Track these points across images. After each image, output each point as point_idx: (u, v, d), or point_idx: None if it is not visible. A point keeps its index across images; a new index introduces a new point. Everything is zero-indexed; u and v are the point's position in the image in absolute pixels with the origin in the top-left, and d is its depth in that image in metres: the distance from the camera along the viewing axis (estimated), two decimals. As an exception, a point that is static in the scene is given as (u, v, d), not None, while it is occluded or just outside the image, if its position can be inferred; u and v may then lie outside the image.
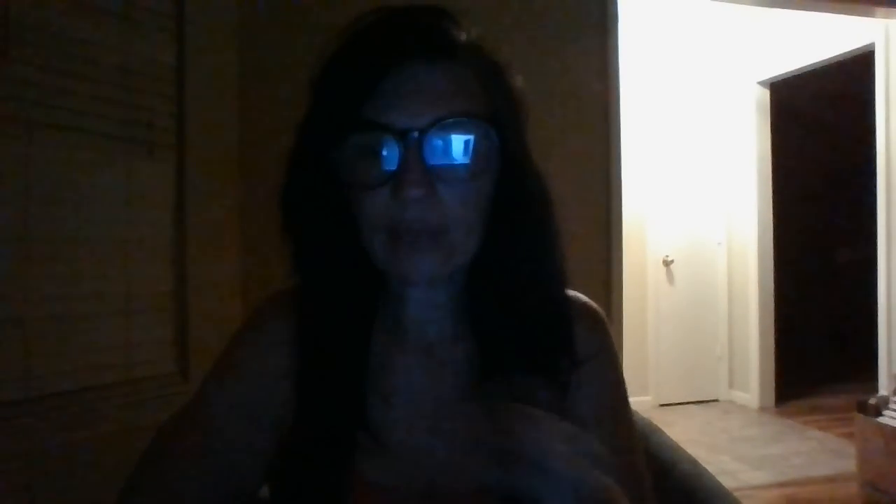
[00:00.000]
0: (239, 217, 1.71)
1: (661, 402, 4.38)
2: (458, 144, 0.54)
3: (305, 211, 0.59)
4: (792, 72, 4.03)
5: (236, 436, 0.60)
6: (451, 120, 0.53)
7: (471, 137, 0.54)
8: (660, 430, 0.92)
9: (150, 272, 1.52)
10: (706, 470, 0.83)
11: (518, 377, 0.58)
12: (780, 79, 4.16)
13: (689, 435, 3.69)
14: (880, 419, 2.64)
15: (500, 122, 0.56)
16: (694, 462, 0.84)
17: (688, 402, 4.45)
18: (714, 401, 4.51)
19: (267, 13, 1.79)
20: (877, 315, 3.47)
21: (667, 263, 4.45)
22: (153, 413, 1.37)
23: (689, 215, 4.49)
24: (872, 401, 2.74)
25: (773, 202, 4.28)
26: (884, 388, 3.28)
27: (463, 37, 0.57)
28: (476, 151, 0.54)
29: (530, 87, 0.62)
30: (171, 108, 1.56)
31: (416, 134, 0.52)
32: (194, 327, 1.57)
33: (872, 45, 3.45)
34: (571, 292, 0.67)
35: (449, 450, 0.58)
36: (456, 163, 0.54)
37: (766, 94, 4.27)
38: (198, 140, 1.59)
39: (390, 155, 0.53)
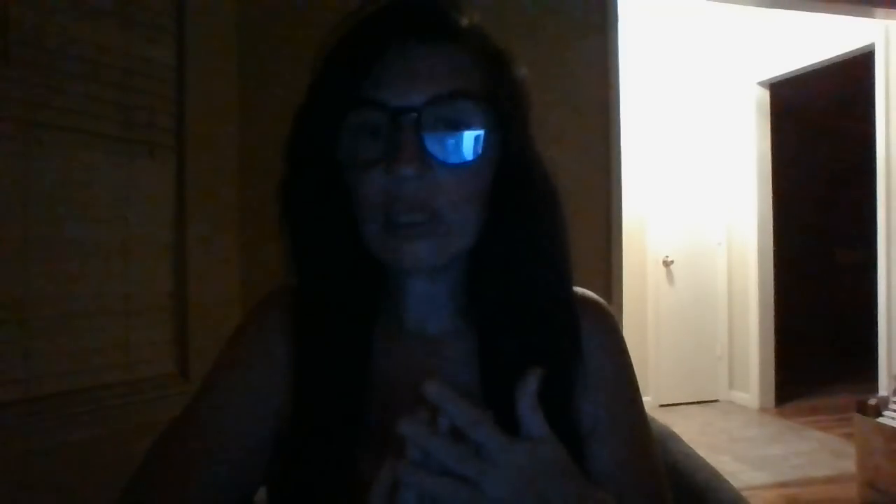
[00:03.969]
0: (239, 217, 1.71)
1: (661, 403, 4.38)
2: (454, 124, 0.54)
3: (304, 201, 0.58)
4: (792, 72, 4.02)
5: (237, 434, 0.59)
6: (447, 99, 0.53)
7: (467, 118, 0.54)
8: (677, 436, 0.89)
9: (150, 272, 1.52)
10: (727, 481, 0.78)
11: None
12: (780, 79, 4.16)
13: (689, 435, 3.62)
14: (880, 420, 2.64)
15: (500, 108, 0.55)
16: (715, 473, 0.80)
17: (688, 403, 4.45)
18: (714, 401, 4.51)
19: (266, 13, 1.79)
20: (877, 315, 3.47)
21: (667, 264, 4.45)
22: (153, 413, 1.37)
23: (689, 215, 4.48)
24: (872, 401, 2.74)
25: (773, 202, 4.27)
26: (884, 389, 3.29)
27: (464, 21, 0.57)
28: (473, 133, 0.54)
29: (530, 87, 0.61)
30: (171, 109, 1.56)
31: (411, 113, 0.52)
32: (194, 327, 1.57)
33: (872, 45, 3.45)
34: (577, 289, 0.66)
35: None
36: (452, 142, 0.53)
37: (766, 94, 4.27)
38: (198, 140, 1.59)
39: (385, 134, 0.52)
